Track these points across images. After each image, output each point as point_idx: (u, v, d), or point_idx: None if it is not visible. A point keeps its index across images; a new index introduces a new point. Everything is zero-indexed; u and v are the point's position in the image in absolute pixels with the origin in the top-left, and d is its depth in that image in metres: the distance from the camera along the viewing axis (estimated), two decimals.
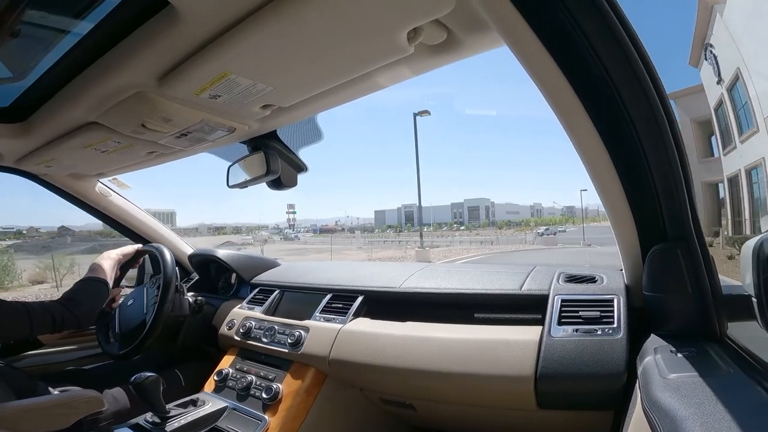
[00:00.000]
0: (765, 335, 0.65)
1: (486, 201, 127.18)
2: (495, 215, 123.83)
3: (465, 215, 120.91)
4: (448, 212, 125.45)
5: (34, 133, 1.24)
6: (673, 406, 0.56)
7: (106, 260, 1.50)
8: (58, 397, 1.09)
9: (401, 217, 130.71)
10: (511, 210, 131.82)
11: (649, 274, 0.86)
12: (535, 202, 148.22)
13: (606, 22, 0.63)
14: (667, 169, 0.74)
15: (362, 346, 1.19)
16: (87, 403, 1.11)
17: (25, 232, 67.81)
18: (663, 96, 0.69)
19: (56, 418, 1.06)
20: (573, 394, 0.94)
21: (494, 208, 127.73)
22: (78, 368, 1.57)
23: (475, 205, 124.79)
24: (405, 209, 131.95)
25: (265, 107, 1.05)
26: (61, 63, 0.95)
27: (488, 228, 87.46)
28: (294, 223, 70.26)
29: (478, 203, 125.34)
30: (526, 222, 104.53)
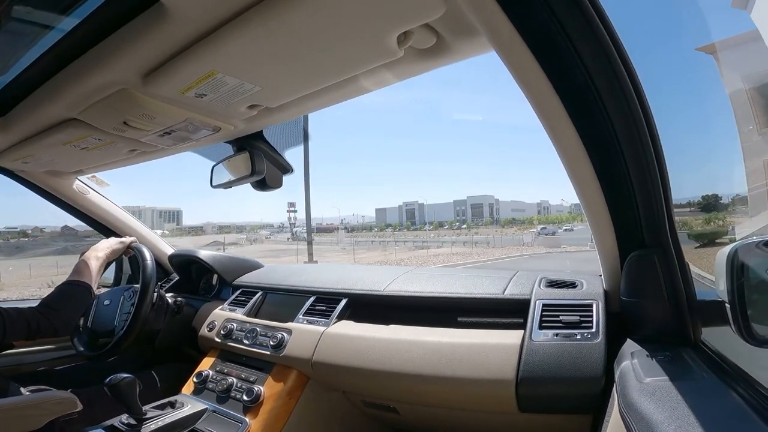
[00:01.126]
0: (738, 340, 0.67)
1: (490, 198, 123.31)
2: (499, 213, 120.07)
3: (468, 213, 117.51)
4: (450, 210, 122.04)
5: (13, 129, 1.21)
6: (649, 409, 0.58)
7: (93, 259, 1.41)
8: (30, 397, 1.06)
9: (402, 215, 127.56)
10: (517, 207, 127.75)
11: (627, 280, 0.88)
12: (542, 200, 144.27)
13: (593, 30, 0.65)
14: (647, 178, 0.76)
15: (345, 348, 1.19)
16: (60, 404, 1.08)
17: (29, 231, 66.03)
18: (645, 105, 0.72)
19: (28, 419, 1.03)
20: (553, 398, 0.95)
21: (498, 206, 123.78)
22: (51, 369, 1.53)
23: (479, 203, 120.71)
24: (406, 207, 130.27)
25: (251, 107, 1.04)
26: (44, 58, 0.93)
27: (491, 226, 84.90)
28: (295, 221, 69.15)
29: (481, 200, 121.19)
30: (529, 220, 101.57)
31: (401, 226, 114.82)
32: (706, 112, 1.19)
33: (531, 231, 63.74)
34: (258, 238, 69.54)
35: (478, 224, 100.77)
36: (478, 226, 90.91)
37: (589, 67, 0.68)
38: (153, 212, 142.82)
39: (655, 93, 0.72)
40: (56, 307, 1.25)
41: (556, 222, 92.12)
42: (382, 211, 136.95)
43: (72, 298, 1.30)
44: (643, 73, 0.70)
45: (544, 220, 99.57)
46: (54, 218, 78.58)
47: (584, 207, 0.87)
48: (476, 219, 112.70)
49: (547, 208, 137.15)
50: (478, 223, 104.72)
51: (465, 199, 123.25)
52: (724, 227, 2.01)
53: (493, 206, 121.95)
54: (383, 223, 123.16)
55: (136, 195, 48.93)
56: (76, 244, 31.83)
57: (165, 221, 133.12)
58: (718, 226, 2.01)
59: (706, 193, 1.94)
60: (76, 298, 1.31)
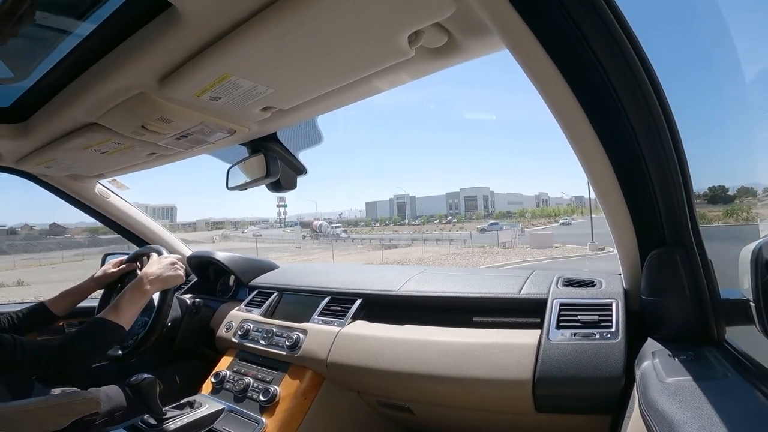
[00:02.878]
0: (763, 339, 0.65)
1: (484, 190, 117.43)
2: (495, 205, 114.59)
3: (461, 206, 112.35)
4: (443, 203, 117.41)
5: (34, 134, 1.24)
6: (671, 409, 0.56)
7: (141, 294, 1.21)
8: (55, 398, 1.08)
9: (393, 208, 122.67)
10: (514, 200, 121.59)
11: (648, 279, 0.86)
12: (540, 192, 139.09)
13: (606, 26, 0.63)
14: (667, 174, 0.74)
15: (360, 349, 1.19)
16: (84, 403, 1.10)
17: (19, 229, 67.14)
18: (663, 100, 0.70)
19: (53, 419, 1.05)
20: (571, 398, 0.93)
21: (494, 198, 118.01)
22: None
23: (472, 195, 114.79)
24: (397, 200, 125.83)
25: (265, 109, 1.05)
26: (63, 64, 0.96)
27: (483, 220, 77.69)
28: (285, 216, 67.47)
29: (475, 192, 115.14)
30: (521, 213, 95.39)
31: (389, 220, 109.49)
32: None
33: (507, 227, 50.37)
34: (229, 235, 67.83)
35: (470, 218, 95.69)
36: (470, 220, 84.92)
37: (604, 62, 0.66)
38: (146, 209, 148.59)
39: (672, 85, 0.71)
40: (78, 349, 1.10)
41: (553, 215, 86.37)
42: (373, 204, 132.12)
43: (99, 342, 1.14)
44: (660, 66, 0.68)
45: (538, 213, 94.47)
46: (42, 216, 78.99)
47: (602, 205, 0.85)
48: (470, 212, 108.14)
49: (547, 200, 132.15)
50: (470, 216, 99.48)
51: (458, 191, 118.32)
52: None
53: (488, 199, 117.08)
54: (368, 218, 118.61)
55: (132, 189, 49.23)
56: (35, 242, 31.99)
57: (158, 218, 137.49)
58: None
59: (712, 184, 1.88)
60: (103, 342, 1.14)
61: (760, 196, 2.51)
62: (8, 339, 1.02)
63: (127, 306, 1.16)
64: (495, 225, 52.77)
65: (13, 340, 1.03)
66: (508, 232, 34.22)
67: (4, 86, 1.10)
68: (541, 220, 73.39)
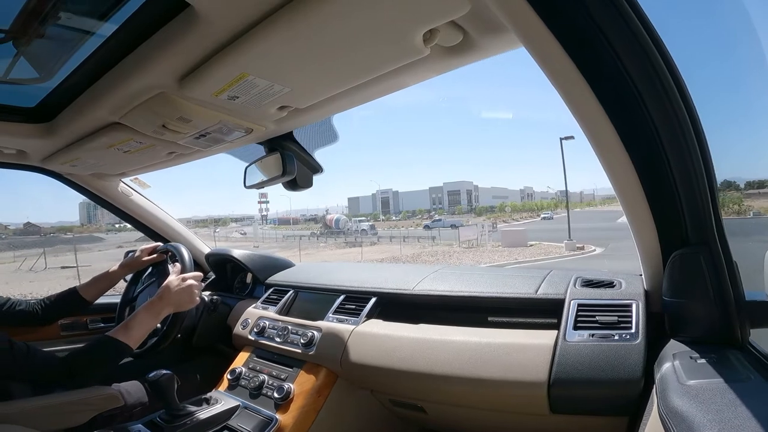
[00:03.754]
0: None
1: (468, 184, 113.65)
2: (479, 200, 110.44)
3: (445, 200, 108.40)
4: (426, 197, 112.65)
5: (60, 133, 1.28)
6: (691, 412, 0.55)
7: (154, 314, 1.22)
8: (77, 393, 1.10)
9: (376, 203, 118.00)
10: (498, 194, 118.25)
11: (670, 280, 0.84)
12: (525, 186, 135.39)
13: (625, 20, 0.62)
14: (690, 172, 0.72)
15: (374, 347, 1.19)
16: (105, 399, 1.13)
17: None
18: (686, 95, 0.68)
19: (75, 415, 1.08)
20: (587, 400, 0.92)
21: (477, 192, 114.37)
22: None
23: (456, 189, 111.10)
24: (381, 195, 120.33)
25: (281, 108, 1.06)
26: (86, 64, 0.99)
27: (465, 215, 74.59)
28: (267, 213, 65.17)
29: (458, 187, 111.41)
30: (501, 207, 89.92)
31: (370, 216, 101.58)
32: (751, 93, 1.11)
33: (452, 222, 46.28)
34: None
35: (452, 212, 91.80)
36: (452, 215, 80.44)
37: (623, 58, 0.65)
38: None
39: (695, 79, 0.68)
40: (83, 365, 1.11)
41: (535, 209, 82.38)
42: (355, 200, 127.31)
43: (104, 360, 1.14)
44: (681, 59, 0.66)
45: (520, 207, 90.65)
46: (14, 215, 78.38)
47: (623, 204, 0.83)
48: (453, 207, 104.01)
49: (532, 194, 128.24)
50: (453, 211, 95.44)
51: (441, 186, 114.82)
52: None
53: (472, 193, 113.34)
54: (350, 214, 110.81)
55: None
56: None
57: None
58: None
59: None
60: (108, 361, 1.15)
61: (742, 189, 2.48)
62: (23, 348, 1.05)
63: (138, 327, 1.19)
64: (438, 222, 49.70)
65: (27, 349, 1.05)
66: (471, 228, 27.97)
67: (30, 87, 1.13)
68: (522, 215, 69.15)
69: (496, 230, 29.93)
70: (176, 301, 1.26)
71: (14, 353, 1.02)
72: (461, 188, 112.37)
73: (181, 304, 1.28)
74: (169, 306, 1.26)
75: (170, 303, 1.25)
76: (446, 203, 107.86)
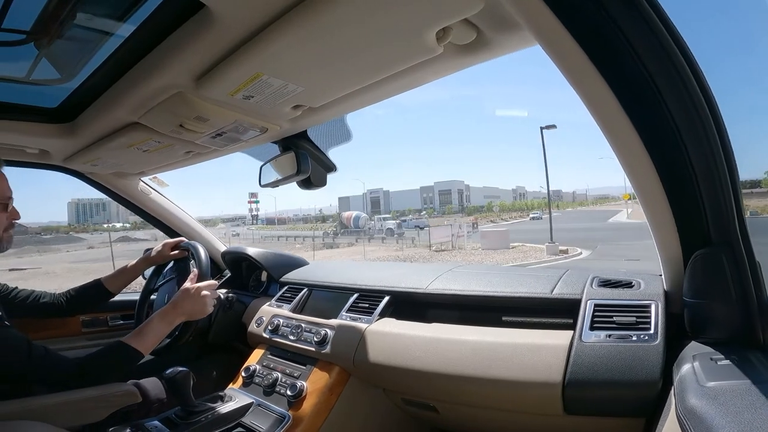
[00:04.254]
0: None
1: (459, 184, 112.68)
2: (470, 200, 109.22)
3: (435, 200, 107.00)
4: (417, 197, 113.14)
5: (81, 133, 1.31)
6: (710, 413, 0.54)
7: (166, 323, 1.25)
8: (96, 390, 1.12)
9: (366, 203, 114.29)
10: (490, 194, 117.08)
11: (691, 280, 0.82)
12: (517, 186, 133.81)
13: (642, 15, 0.61)
14: (712, 170, 0.70)
15: (387, 346, 1.19)
16: (123, 396, 1.15)
17: None
18: (707, 90, 0.66)
19: (95, 411, 1.10)
20: (603, 401, 0.90)
21: (469, 192, 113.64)
22: None
23: (447, 189, 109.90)
24: (371, 195, 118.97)
25: (295, 107, 1.07)
26: (106, 65, 1.01)
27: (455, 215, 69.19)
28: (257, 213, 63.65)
29: (449, 186, 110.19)
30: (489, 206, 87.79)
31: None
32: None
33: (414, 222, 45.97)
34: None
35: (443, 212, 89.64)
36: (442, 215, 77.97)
37: (641, 53, 0.63)
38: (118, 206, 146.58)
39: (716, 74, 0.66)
40: (96, 370, 1.13)
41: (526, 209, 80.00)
42: (346, 199, 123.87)
43: (116, 365, 1.18)
44: (701, 54, 0.64)
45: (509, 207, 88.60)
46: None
47: (643, 203, 0.82)
48: (444, 206, 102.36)
49: (524, 194, 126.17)
50: (444, 211, 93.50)
51: (432, 185, 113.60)
52: None
53: (463, 192, 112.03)
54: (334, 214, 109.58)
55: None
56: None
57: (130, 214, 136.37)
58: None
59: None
60: (120, 367, 1.18)
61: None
62: (41, 350, 1.07)
63: (151, 335, 1.21)
64: (404, 222, 47.30)
65: (44, 352, 1.07)
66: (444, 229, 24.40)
67: (53, 87, 1.16)
68: (512, 214, 66.86)
69: (477, 230, 27.89)
70: (189, 310, 1.29)
71: (32, 356, 1.05)
72: (452, 188, 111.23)
73: (193, 314, 1.31)
74: (182, 315, 1.29)
75: (183, 312, 1.28)
76: (437, 203, 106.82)
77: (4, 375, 1.05)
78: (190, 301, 1.29)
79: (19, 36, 0.90)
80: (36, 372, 1.06)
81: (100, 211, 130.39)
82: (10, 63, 1.04)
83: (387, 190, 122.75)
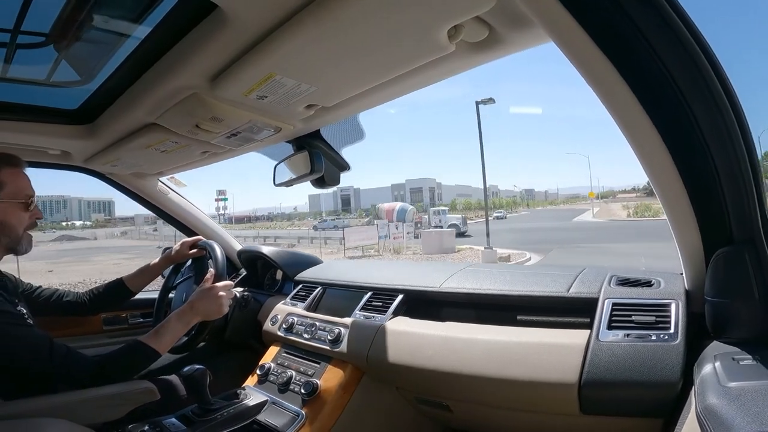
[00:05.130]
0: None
1: (431, 182, 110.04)
2: (441, 198, 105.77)
3: (407, 197, 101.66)
4: (388, 195, 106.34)
5: (100, 134, 1.34)
6: (730, 414, 0.53)
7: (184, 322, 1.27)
8: (115, 387, 1.14)
9: (337, 201, 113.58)
10: (463, 192, 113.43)
11: (713, 279, 0.80)
12: (491, 184, 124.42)
13: (658, 9, 0.59)
14: (734, 165, 0.68)
15: (401, 345, 1.19)
16: (142, 393, 1.17)
17: None
18: (726, 84, 0.64)
19: (115, 408, 1.12)
20: (620, 401, 0.88)
21: (440, 190, 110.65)
22: None
23: (418, 187, 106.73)
24: (341, 193, 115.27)
25: (308, 107, 1.07)
26: (123, 66, 1.03)
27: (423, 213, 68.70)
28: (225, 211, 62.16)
29: (421, 184, 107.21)
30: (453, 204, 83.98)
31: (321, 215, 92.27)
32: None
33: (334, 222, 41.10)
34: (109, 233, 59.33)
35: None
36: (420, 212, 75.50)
37: (658, 48, 0.62)
38: (80, 202, 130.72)
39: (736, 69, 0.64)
40: (114, 368, 1.15)
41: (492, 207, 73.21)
42: (316, 197, 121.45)
43: (133, 364, 1.20)
44: (721, 48, 0.62)
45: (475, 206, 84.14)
46: None
47: (663, 201, 0.80)
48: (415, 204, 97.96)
49: (497, 192, 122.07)
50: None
51: (404, 183, 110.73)
52: None
53: (435, 190, 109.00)
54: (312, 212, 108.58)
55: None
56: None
57: (93, 211, 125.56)
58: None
59: None
60: (137, 366, 1.21)
61: None
62: (62, 349, 1.09)
63: (168, 335, 1.24)
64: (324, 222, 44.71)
65: (66, 351, 1.09)
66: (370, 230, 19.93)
67: (72, 89, 1.19)
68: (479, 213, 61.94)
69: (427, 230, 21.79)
70: (205, 311, 1.31)
71: (53, 355, 1.07)
72: (424, 185, 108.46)
73: (209, 314, 1.32)
74: (199, 315, 1.31)
75: (199, 313, 1.30)
76: (408, 200, 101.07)
77: (25, 373, 1.08)
78: (207, 301, 1.30)
79: (38, 38, 0.93)
80: (57, 370, 1.08)
81: (60, 209, 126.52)
82: (30, 65, 1.07)
83: (358, 188, 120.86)
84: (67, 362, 1.09)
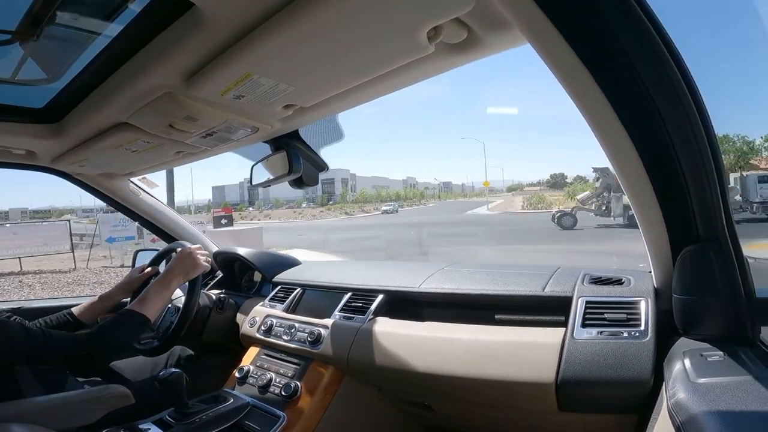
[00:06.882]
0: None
1: (344, 173, 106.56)
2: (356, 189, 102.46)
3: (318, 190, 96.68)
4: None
5: (68, 134, 1.29)
6: (701, 410, 0.55)
7: (166, 287, 1.27)
8: (89, 392, 1.12)
9: (243, 193, 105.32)
10: (379, 184, 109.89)
11: (680, 277, 0.83)
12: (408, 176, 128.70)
13: (631, 14, 0.61)
14: (700, 167, 0.71)
15: (381, 345, 1.19)
16: (117, 398, 1.14)
17: None
18: (694, 89, 0.67)
19: (86, 413, 1.09)
20: (596, 398, 0.91)
21: (355, 182, 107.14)
22: None
23: (330, 178, 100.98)
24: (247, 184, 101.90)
25: (287, 107, 1.06)
26: (93, 64, 0.99)
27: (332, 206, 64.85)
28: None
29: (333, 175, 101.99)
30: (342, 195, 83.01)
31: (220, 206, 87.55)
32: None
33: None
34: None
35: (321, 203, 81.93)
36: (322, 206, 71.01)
37: (630, 52, 0.64)
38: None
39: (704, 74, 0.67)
40: (108, 339, 1.14)
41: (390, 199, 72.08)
42: (220, 188, 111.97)
43: (127, 332, 1.20)
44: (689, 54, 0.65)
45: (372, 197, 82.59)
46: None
47: (632, 201, 0.83)
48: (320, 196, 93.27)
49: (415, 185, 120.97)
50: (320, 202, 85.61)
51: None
52: None
53: (348, 182, 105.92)
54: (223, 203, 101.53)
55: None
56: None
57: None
58: None
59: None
60: (131, 333, 1.21)
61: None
62: (38, 333, 1.06)
63: (152, 298, 1.22)
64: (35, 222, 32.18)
65: (42, 334, 1.06)
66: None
67: (38, 87, 1.14)
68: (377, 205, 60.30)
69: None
70: (183, 269, 1.31)
71: (30, 340, 1.04)
72: (336, 177, 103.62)
73: (188, 271, 1.32)
74: (178, 276, 1.30)
75: (178, 273, 1.30)
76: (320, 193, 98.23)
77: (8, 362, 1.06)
78: (181, 261, 1.31)
79: (4, 36, 0.89)
80: (43, 352, 1.06)
81: None
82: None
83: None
84: (49, 345, 1.06)
